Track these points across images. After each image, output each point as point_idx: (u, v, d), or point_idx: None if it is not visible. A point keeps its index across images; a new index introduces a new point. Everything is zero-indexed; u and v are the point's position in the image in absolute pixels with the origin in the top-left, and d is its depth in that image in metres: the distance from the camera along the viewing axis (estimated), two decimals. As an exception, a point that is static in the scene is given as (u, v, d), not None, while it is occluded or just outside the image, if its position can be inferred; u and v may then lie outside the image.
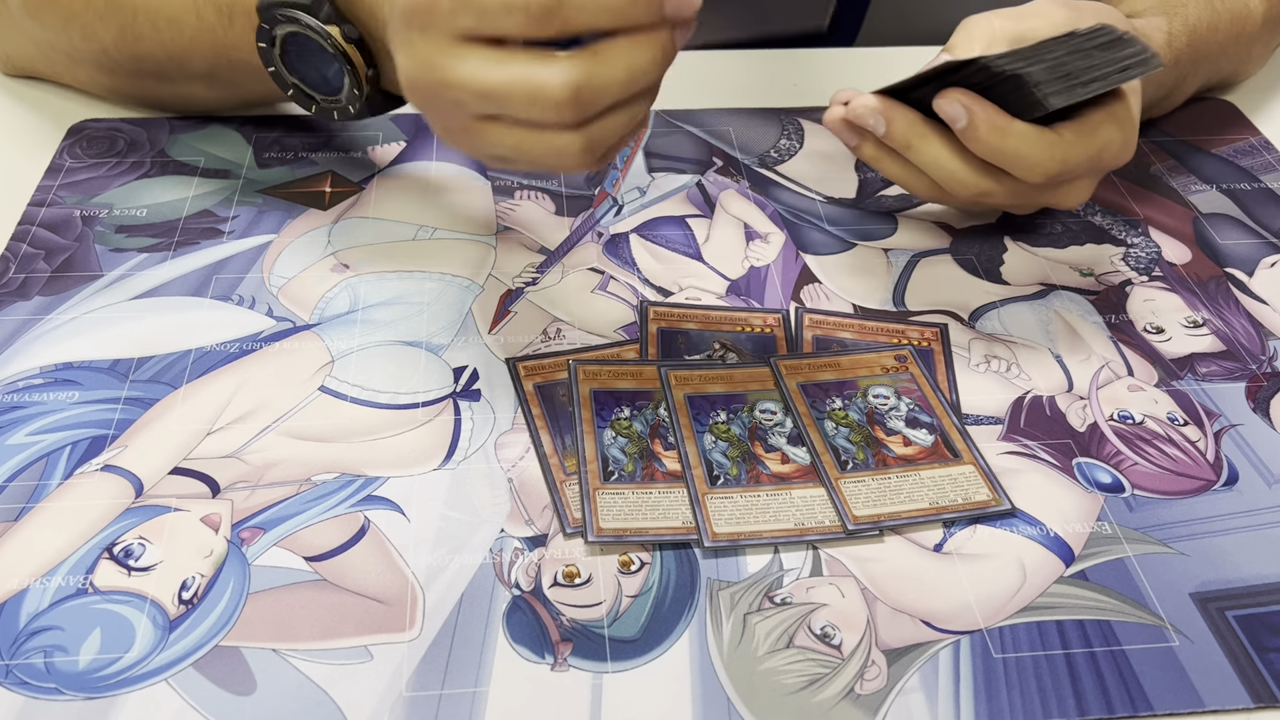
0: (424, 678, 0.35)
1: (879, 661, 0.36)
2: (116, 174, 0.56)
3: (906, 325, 0.49)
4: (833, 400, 0.44)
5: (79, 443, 0.42)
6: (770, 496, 0.41)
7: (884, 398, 0.45)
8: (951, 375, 0.47)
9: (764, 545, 0.39)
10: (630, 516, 0.39)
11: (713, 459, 0.42)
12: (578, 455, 0.41)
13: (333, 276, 0.50)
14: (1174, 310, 0.51)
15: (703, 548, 0.39)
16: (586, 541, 0.39)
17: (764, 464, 0.42)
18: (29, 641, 0.35)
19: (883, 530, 0.40)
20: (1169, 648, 0.37)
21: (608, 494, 0.40)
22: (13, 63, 0.62)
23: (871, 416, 0.44)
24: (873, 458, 0.42)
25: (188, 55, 0.53)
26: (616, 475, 0.41)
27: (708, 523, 0.39)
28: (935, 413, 0.44)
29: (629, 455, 0.42)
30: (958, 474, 0.42)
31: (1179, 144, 0.62)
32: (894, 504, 0.40)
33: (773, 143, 0.61)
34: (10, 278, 0.49)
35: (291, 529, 0.39)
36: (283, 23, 0.49)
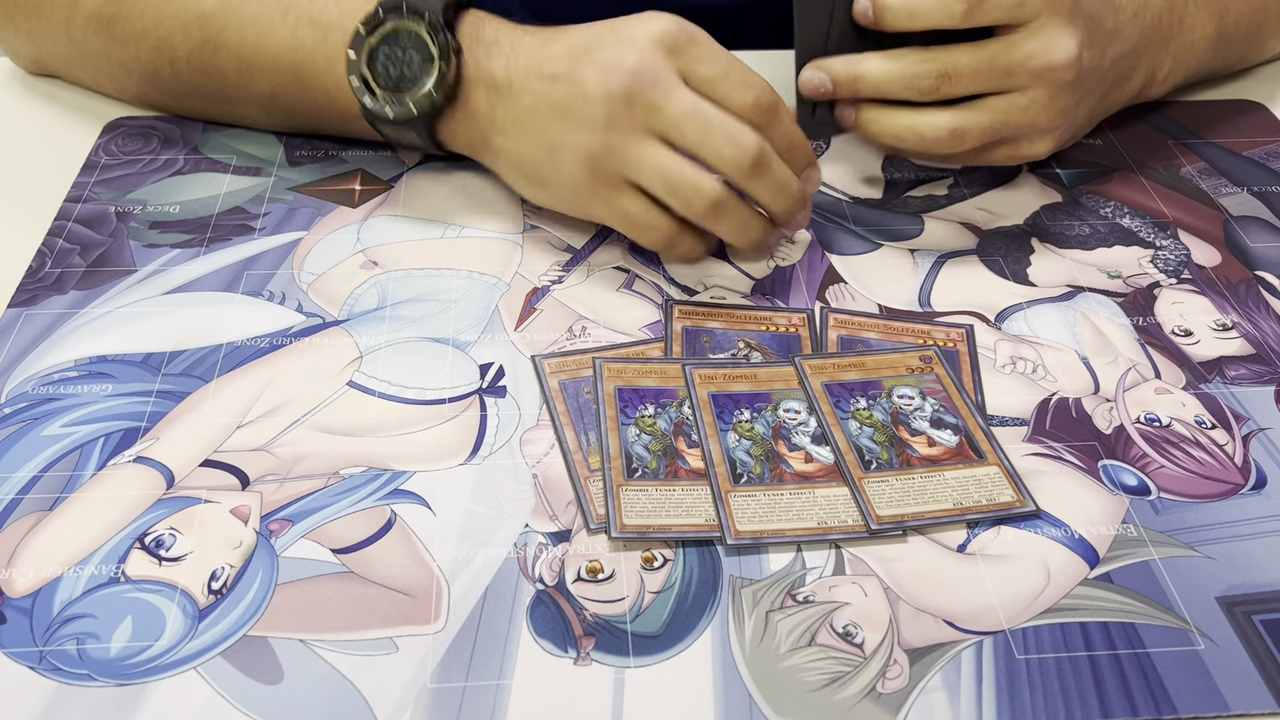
0: (448, 670, 0.35)
1: (901, 661, 0.36)
2: (150, 171, 0.57)
3: (932, 326, 0.49)
4: (857, 400, 0.44)
5: (112, 434, 0.42)
6: (793, 495, 0.41)
7: (909, 398, 0.45)
8: (977, 376, 0.47)
9: (787, 544, 0.39)
10: (653, 513, 0.40)
11: (736, 457, 0.42)
12: (601, 452, 0.42)
13: (362, 273, 0.51)
14: (1203, 313, 0.50)
15: (725, 545, 0.39)
16: (610, 538, 0.39)
17: (787, 463, 0.42)
18: (62, 629, 0.36)
19: (906, 530, 0.40)
20: (1194, 651, 0.36)
21: (631, 491, 0.40)
22: (44, 65, 0.62)
23: (896, 417, 0.44)
24: (897, 458, 0.42)
25: (260, 73, 0.54)
26: (640, 472, 0.41)
27: (730, 520, 0.39)
28: (960, 414, 0.44)
29: (652, 453, 0.42)
30: (982, 475, 0.42)
31: (1209, 146, 0.62)
32: (918, 504, 0.40)
33: (799, 143, 0.61)
34: (46, 272, 0.50)
35: (319, 521, 0.39)
36: (393, 17, 0.50)
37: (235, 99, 0.56)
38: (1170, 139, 0.62)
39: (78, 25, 0.56)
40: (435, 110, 0.50)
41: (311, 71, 0.53)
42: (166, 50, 0.55)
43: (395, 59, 0.50)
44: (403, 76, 0.50)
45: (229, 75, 0.55)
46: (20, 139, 0.59)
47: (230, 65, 0.54)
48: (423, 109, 0.50)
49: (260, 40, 0.53)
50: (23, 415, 0.43)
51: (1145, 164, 0.60)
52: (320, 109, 0.54)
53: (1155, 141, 0.62)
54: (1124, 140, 0.62)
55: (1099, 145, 0.62)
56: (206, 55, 0.54)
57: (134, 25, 0.55)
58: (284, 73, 0.53)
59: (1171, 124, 0.64)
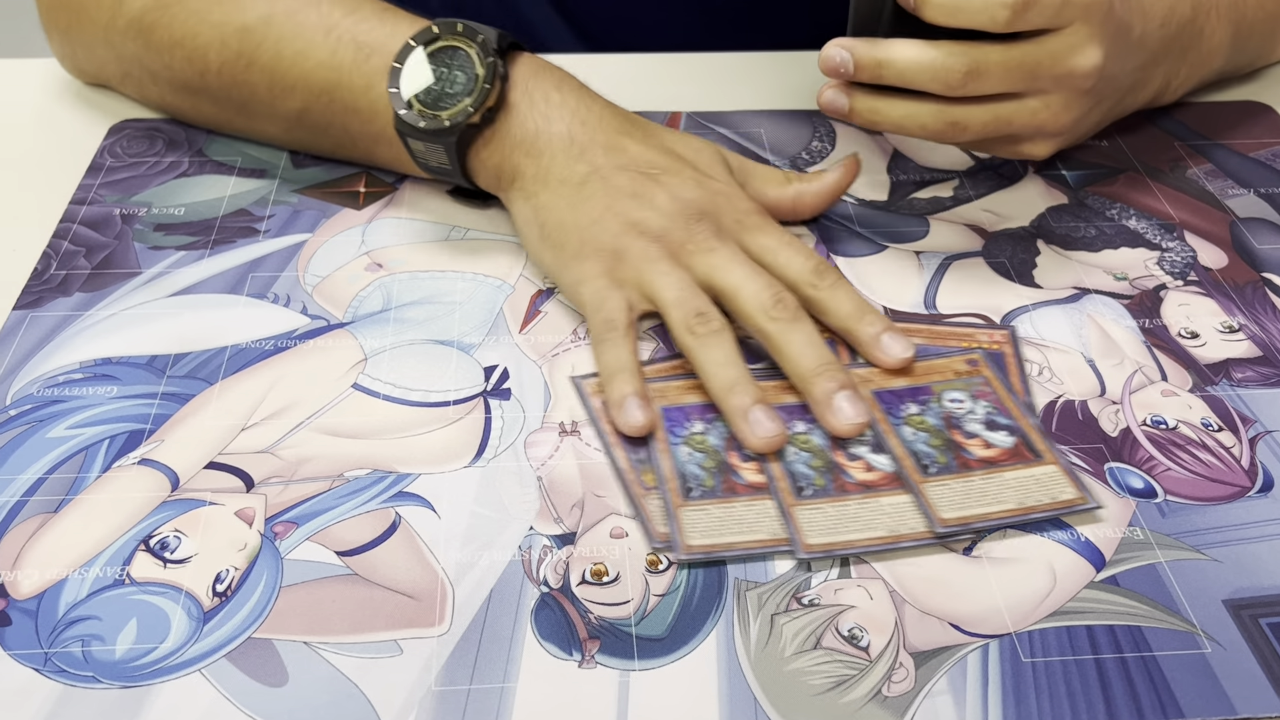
0: (453, 673, 0.35)
1: (907, 664, 0.36)
2: (155, 173, 0.57)
3: (975, 329, 0.49)
4: (908, 406, 0.44)
5: (117, 436, 0.42)
6: (859, 505, 0.40)
7: (959, 401, 0.44)
8: (1024, 377, 0.46)
9: (859, 555, 0.39)
10: (716, 532, 0.39)
11: (796, 470, 0.41)
12: (655, 472, 0.41)
13: (366, 275, 0.51)
14: (1209, 315, 0.50)
15: (798, 560, 0.39)
16: (676, 561, 0.39)
17: (848, 473, 0.41)
18: (67, 630, 0.36)
19: (972, 533, 0.40)
20: (1201, 654, 0.36)
21: (691, 511, 0.40)
22: (85, 72, 0.62)
23: (949, 421, 0.44)
24: (954, 461, 0.42)
25: (291, 91, 0.53)
26: (697, 492, 0.41)
27: (799, 534, 0.39)
28: (1012, 415, 0.44)
29: (707, 470, 0.41)
30: (1041, 474, 0.41)
31: (1216, 147, 0.62)
32: (981, 506, 0.40)
33: (804, 144, 0.61)
34: (52, 274, 0.50)
35: (324, 524, 0.39)
36: (447, 35, 0.50)
37: (259, 115, 0.56)
38: (1177, 140, 0.62)
39: (117, 29, 0.56)
40: (469, 129, 0.49)
41: (347, 91, 0.52)
42: (199, 60, 0.54)
43: (440, 76, 0.49)
44: (444, 94, 0.49)
45: (258, 91, 0.54)
46: (26, 141, 0.59)
47: (262, 81, 0.53)
48: (456, 122, 0.48)
49: (297, 58, 0.52)
50: (28, 417, 0.43)
51: (1152, 166, 0.60)
52: (349, 131, 0.54)
53: (1162, 143, 0.62)
54: (1130, 142, 0.62)
55: (1105, 147, 0.61)
56: (239, 69, 0.53)
57: (172, 33, 0.54)
58: (316, 92, 0.52)
59: (1178, 126, 0.63)
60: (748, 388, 0.43)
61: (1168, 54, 0.57)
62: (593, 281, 0.47)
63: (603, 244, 0.47)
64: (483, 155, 0.51)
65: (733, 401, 0.42)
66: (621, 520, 0.40)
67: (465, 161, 0.51)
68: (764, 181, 0.53)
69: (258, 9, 0.53)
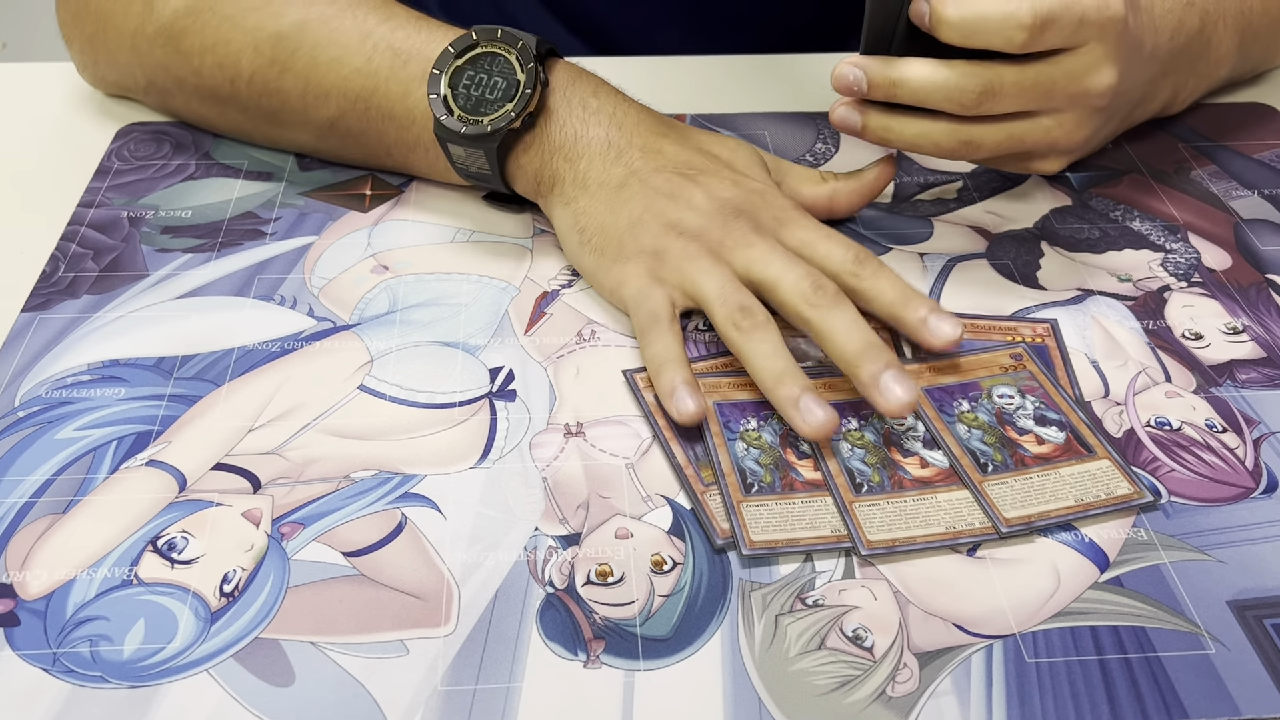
0: (459, 673, 0.35)
1: (911, 664, 0.36)
2: (163, 176, 0.57)
3: (1018, 322, 0.49)
4: (959, 403, 0.44)
5: (125, 438, 0.43)
6: (917, 501, 0.41)
7: (1009, 397, 0.45)
8: (1070, 370, 0.47)
9: (920, 551, 0.39)
10: (778, 528, 0.40)
11: (852, 467, 0.42)
12: (713, 467, 0.42)
13: (372, 278, 0.51)
14: (1213, 316, 0.50)
15: (860, 555, 0.39)
16: (741, 556, 0.39)
17: (904, 469, 0.42)
18: (76, 631, 0.36)
19: (1035, 531, 0.40)
20: (1205, 655, 0.36)
21: (752, 506, 0.40)
22: (107, 81, 0.62)
23: (1001, 417, 0.44)
24: (1010, 458, 0.42)
25: (325, 98, 0.53)
26: (756, 487, 0.41)
27: (860, 531, 0.39)
28: (1061, 409, 0.44)
29: (764, 466, 0.42)
30: (1095, 469, 0.42)
31: (1219, 149, 0.62)
32: (1041, 503, 0.40)
33: (808, 146, 0.61)
34: (60, 277, 0.50)
35: (330, 525, 0.40)
36: (486, 42, 0.50)
37: (290, 123, 0.55)
38: (1181, 142, 0.62)
39: (146, 35, 0.55)
40: (510, 134, 0.49)
41: (383, 98, 0.52)
42: (230, 67, 0.54)
43: (479, 83, 0.49)
44: (483, 99, 0.49)
45: (291, 98, 0.54)
46: (34, 144, 0.60)
47: (295, 88, 0.53)
48: (498, 128, 0.48)
49: (332, 65, 0.52)
50: (36, 419, 0.43)
51: (1155, 167, 0.60)
52: (384, 137, 0.53)
53: (1166, 145, 0.62)
54: (1134, 144, 0.62)
55: (1109, 149, 0.61)
56: (272, 76, 0.53)
57: (203, 39, 0.54)
58: (351, 98, 0.52)
59: (1182, 128, 0.63)
60: (796, 376, 0.42)
61: (1177, 66, 0.57)
62: (634, 281, 0.47)
63: (643, 245, 0.47)
64: (522, 161, 0.51)
65: (782, 391, 0.42)
66: (626, 521, 0.40)
67: (505, 167, 0.51)
68: (800, 180, 0.53)
69: (292, 15, 0.53)
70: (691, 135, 0.52)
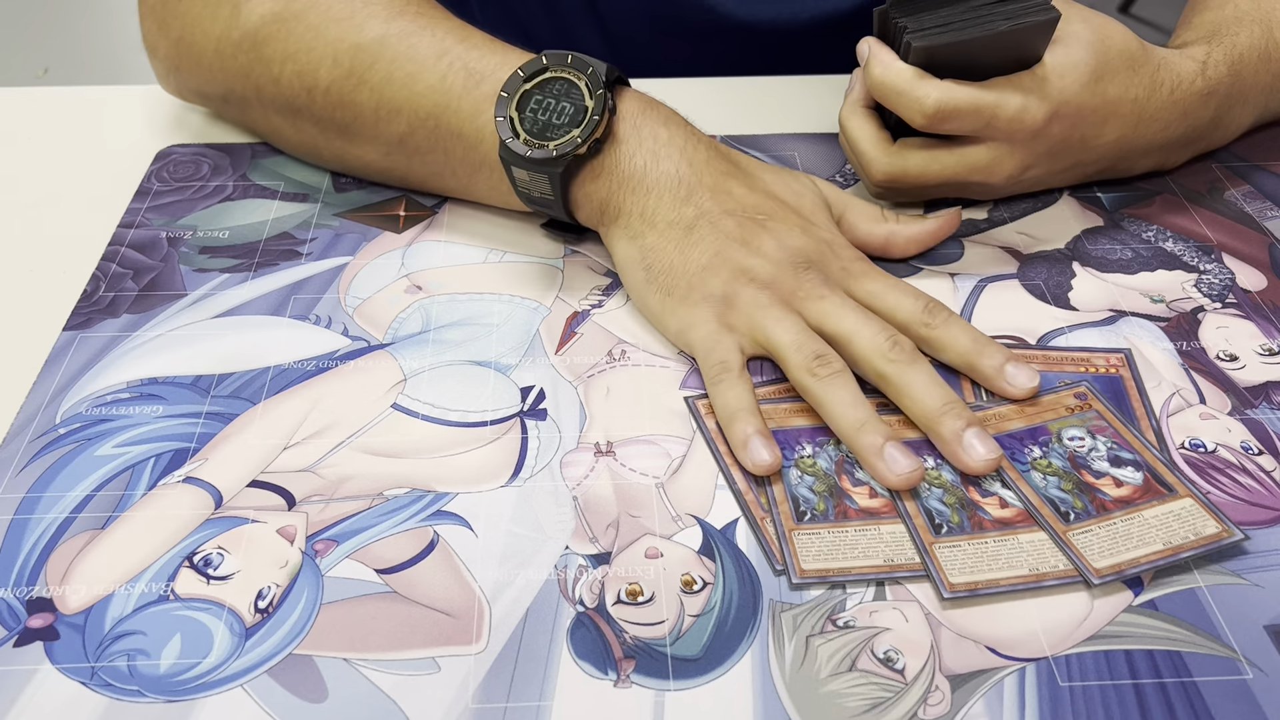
0: (489, 690, 0.35)
1: (943, 687, 0.36)
2: (201, 197, 0.58)
3: (1091, 353, 0.48)
4: (1030, 449, 0.43)
5: (162, 455, 0.43)
6: (998, 542, 0.40)
7: (1080, 439, 0.44)
8: (1147, 402, 0.46)
9: (1003, 594, 0.38)
10: (831, 556, 0.39)
11: (931, 507, 0.41)
12: (767, 494, 0.42)
13: (406, 298, 0.52)
14: (1248, 338, 0.50)
15: (942, 599, 0.38)
16: (791, 583, 0.39)
17: (983, 509, 0.41)
18: (113, 645, 0.36)
19: (1126, 578, 0.39)
20: (1242, 680, 0.36)
21: (804, 534, 0.40)
22: (187, 88, 0.62)
23: (1074, 460, 0.43)
24: (1091, 504, 0.41)
25: (398, 113, 0.53)
26: (809, 515, 0.41)
27: (942, 574, 0.39)
28: (1134, 447, 0.43)
29: (818, 494, 0.42)
30: (1179, 509, 0.41)
31: (1254, 169, 0.61)
32: (1130, 550, 0.39)
33: (838, 167, 0.61)
34: (100, 296, 0.51)
35: (363, 542, 0.40)
36: (556, 66, 0.50)
37: (361, 137, 0.55)
38: (1215, 163, 0.62)
39: (231, 40, 0.56)
40: (575, 160, 0.49)
41: (454, 117, 0.52)
42: (309, 76, 0.54)
43: (547, 107, 0.49)
44: (550, 124, 0.49)
45: (364, 112, 0.54)
46: (76, 166, 0.61)
47: (369, 102, 0.53)
48: (563, 153, 0.48)
49: (408, 80, 0.52)
50: (76, 436, 0.44)
51: (1189, 188, 0.60)
52: (450, 157, 0.53)
53: (1199, 165, 0.62)
54: (1167, 164, 0.61)
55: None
56: (348, 88, 0.53)
57: (286, 46, 0.54)
58: (422, 115, 0.52)
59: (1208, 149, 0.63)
60: (877, 425, 0.42)
61: (1167, 146, 0.57)
62: (703, 326, 0.47)
63: (712, 290, 0.47)
64: (588, 189, 0.50)
65: (865, 440, 0.42)
66: (656, 540, 0.40)
67: (568, 194, 0.50)
68: (859, 216, 0.53)
69: (373, 29, 0.53)
70: (759, 176, 0.52)
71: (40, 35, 2.44)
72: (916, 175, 0.53)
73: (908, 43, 0.51)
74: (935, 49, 0.50)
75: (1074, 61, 0.52)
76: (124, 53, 2.39)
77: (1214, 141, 0.60)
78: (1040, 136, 0.53)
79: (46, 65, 2.31)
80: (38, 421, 0.44)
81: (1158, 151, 0.58)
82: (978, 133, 0.52)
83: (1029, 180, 0.56)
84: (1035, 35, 0.51)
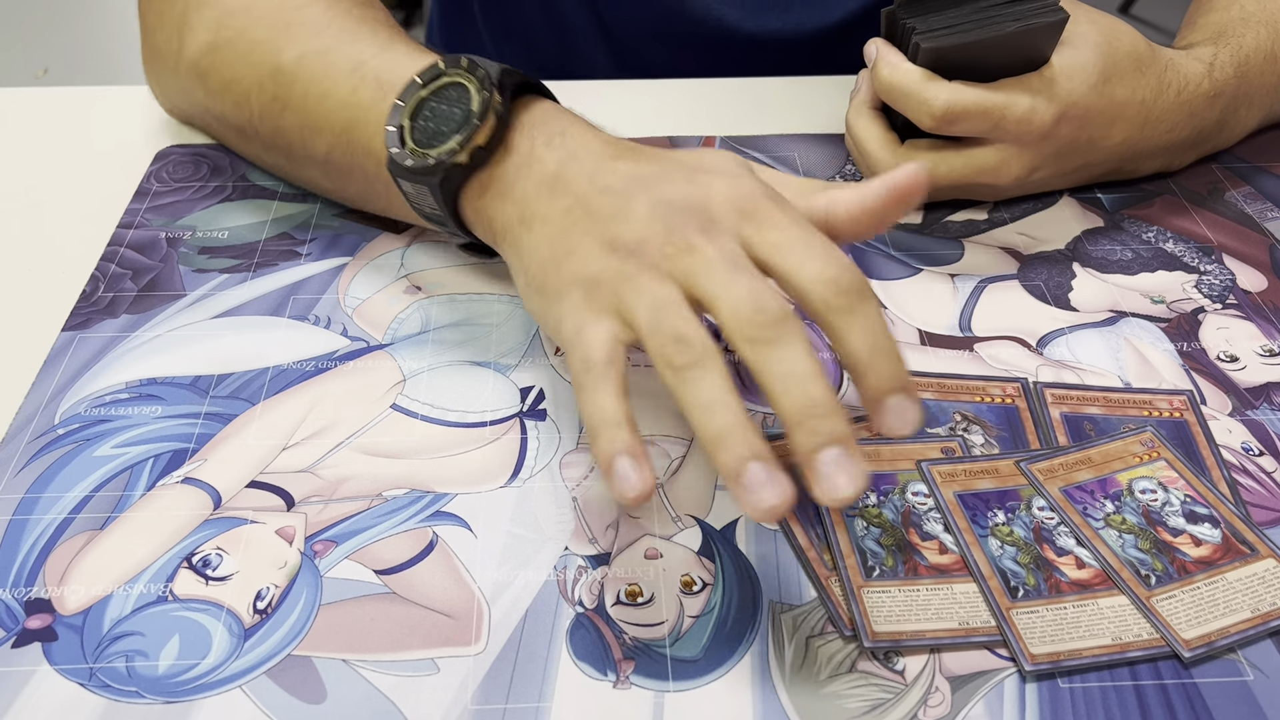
0: (489, 691, 0.35)
1: (943, 688, 0.36)
2: (200, 198, 0.58)
3: (1153, 394, 0.46)
4: (1102, 504, 0.41)
5: (161, 455, 0.43)
6: (1077, 608, 0.38)
7: (1152, 492, 0.41)
8: (1215, 448, 0.44)
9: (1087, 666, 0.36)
10: (903, 618, 0.37)
11: (1005, 567, 0.39)
12: (831, 548, 0.39)
13: (405, 298, 0.51)
14: (1249, 338, 0.50)
15: (1024, 672, 0.36)
16: (863, 647, 0.37)
17: (1059, 570, 0.39)
18: (112, 646, 0.36)
19: (1217, 651, 0.37)
20: (1243, 682, 0.36)
21: (874, 592, 0.38)
22: (174, 110, 0.63)
23: (1149, 516, 0.41)
24: (1171, 565, 0.39)
25: (319, 133, 0.50)
26: (878, 571, 0.39)
27: (1022, 644, 0.36)
28: (1208, 501, 0.41)
29: (886, 548, 0.39)
30: (1263, 571, 0.39)
31: (1254, 170, 0.61)
32: (1217, 619, 0.37)
33: (838, 168, 0.61)
34: (99, 296, 0.51)
35: (362, 543, 0.40)
36: (453, 71, 0.44)
37: (299, 159, 0.53)
38: (1215, 164, 0.62)
39: (181, 72, 0.56)
40: (457, 168, 0.43)
41: (362, 131, 0.48)
42: (245, 106, 0.53)
43: (438, 114, 0.44)
44: (437, 132, 0.43)
45: (293, 134, 0.52)
46: (75, 167, 0.61)
47: (294, 124, 0.51)
48: (441, 160, 0.43)
49: (322, 97, 0.49)
50: (75, 436, 0.44)
51: (1189, 189, 0.60)
52: (366, 174, 0.50)
53: (1199, 166, 0.62)
54: (1167, 165, 0.61)
55: (1141, 170, 0.61)
56: (275, 112, 0.52)
57: (222, 75, 0.54)
58: (338, 132, 0.49)
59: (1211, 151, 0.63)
60: (742, 437, 0.33)
61: (1173, 149, 0.58)
62: (570, 317, 0.38)
63: (578, 273, 0.39)
64: (478, 204, 0.44)
65: (722, 457, 0.33)
66: (656, 541, 0.40)
67: (458, 209, 0.45)
68: (795, 192, 0.41)
69: (294, 49, 0.51)
70: (668, 155, 0.42)
71: (39, 36, 2.44)
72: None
73: (916, 44, 0.51)
74: (944, 50, 0.50)
75: (1082, 63, 0.52)
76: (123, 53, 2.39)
77: (1219, 143, 0.60)
78: (1048, 138, 0.52)
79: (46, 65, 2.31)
80: (36, 422, 0.44)
81: (1164, 153, 0.58)
82: (986, 134, 0.52)
83: (1036, 182, 0.56)
84: (1043, 37, 0.51)
